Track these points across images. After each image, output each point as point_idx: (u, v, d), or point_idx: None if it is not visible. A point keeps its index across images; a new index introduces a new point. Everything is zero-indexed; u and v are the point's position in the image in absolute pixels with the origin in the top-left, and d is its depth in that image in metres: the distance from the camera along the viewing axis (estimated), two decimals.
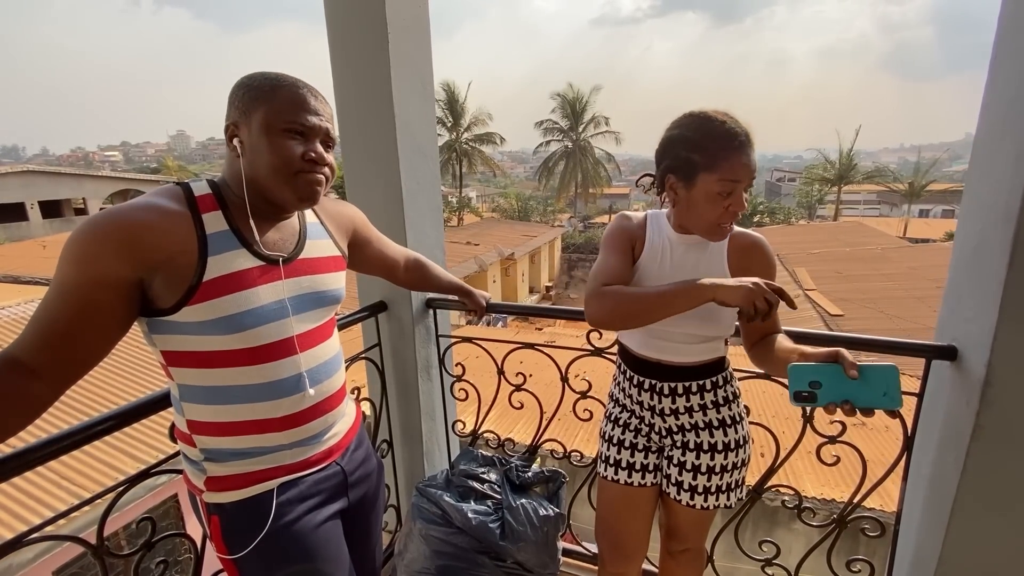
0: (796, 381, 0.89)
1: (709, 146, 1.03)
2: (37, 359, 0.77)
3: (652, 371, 1.22)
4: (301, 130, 0.88)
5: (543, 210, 34.38)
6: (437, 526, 1.58)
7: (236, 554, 0.93)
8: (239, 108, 0.88)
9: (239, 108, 0.88)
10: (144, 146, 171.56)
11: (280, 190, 0.89)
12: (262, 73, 0.90)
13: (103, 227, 0.77)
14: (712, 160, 1.02)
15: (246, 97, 0.87)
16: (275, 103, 0.87)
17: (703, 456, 1.22)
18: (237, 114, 0.88)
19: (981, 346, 1.11)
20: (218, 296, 0.85)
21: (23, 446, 0.88)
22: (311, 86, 0.92)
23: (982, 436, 1.14)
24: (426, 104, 1.66)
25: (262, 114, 0.86)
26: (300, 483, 0.99)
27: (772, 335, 1.15)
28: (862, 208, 42.56)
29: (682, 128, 1.08)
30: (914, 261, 13.44)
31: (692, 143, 1.05)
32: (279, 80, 0.88)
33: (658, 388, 1.22)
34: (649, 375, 1.22)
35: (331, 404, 1.03)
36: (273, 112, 0.86)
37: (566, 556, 1.74)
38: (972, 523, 1.20)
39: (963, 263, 1.20)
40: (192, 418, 0.92)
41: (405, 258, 1.42)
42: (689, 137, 1.06)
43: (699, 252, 1.17)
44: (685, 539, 1.34)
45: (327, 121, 0.92)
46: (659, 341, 1.19)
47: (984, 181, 1.14)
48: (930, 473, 1.28)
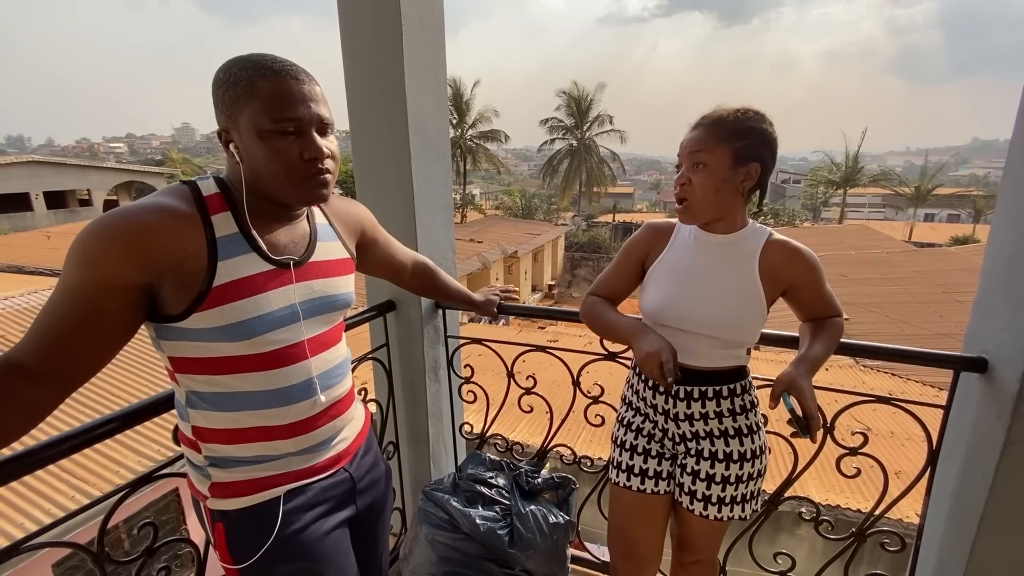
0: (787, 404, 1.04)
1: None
2: (39, 364, 0.74)
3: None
4: (292, 127, 0.81)
5: (547, 208, 34.30)
6: (444, 531, 1.55)
7: (241, 564, 0.90)
8: (224, 112, 0.82)
9: (224, 112, 0.82)
10: (149, 138, 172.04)
11: (287, 195, 0.86)
12: (235, 63, 0.81)
13: (110, 229, 0.74)
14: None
15: (227, 98, 0.80)
16: (258, 101, 0.79)
17: (718, 465, 1.18)
18: (224, 119, 0.82)
19: (1015, 358, 1.07)
20: (228, 302, 0.81)
21: (23, 449, 0.85)
22: (291, 65, 0.82)
23: (1013, 452, 1.10)
24: (439, 101, 1.62)
25: (248, 117, 0.79)
26: (307, 490, 0.95)
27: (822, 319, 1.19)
28: (867, 211, 42.39)
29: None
30: (919, 266, 13.35)
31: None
32: (255, 70, 0.79)
33: (674, 391, 1.19)
34: None
35: (340, 409, 1.00)
36: (258, 113, 0.79)
37: (574, 564, 1.70)
38: (999, 541, 1.16)
39: (997, 272, 1.15)
40: (198, 424, 0.89)
41: (413, 262, 1.38)
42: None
43: (729, 253, 1.15)
44: (698, 550, 1.30)
45: (318, 104, 0.84)
46: (680, 344, 1.14)
47: (1020, 188, 1.10)
48: (955, 488, 1.24)
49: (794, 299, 1.16)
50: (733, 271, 1.13)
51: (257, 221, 0.87)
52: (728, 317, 1.12)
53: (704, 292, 1.14)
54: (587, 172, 30.00)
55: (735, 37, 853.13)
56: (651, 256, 1.23)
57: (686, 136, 1.10)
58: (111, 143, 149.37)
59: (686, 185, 1.10)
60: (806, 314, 1.20)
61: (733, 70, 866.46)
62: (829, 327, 1.16)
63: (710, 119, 1.09)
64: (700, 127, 1.09)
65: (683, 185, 1.11)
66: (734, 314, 1.12)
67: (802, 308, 1.19)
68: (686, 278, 1.16)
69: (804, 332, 1.18)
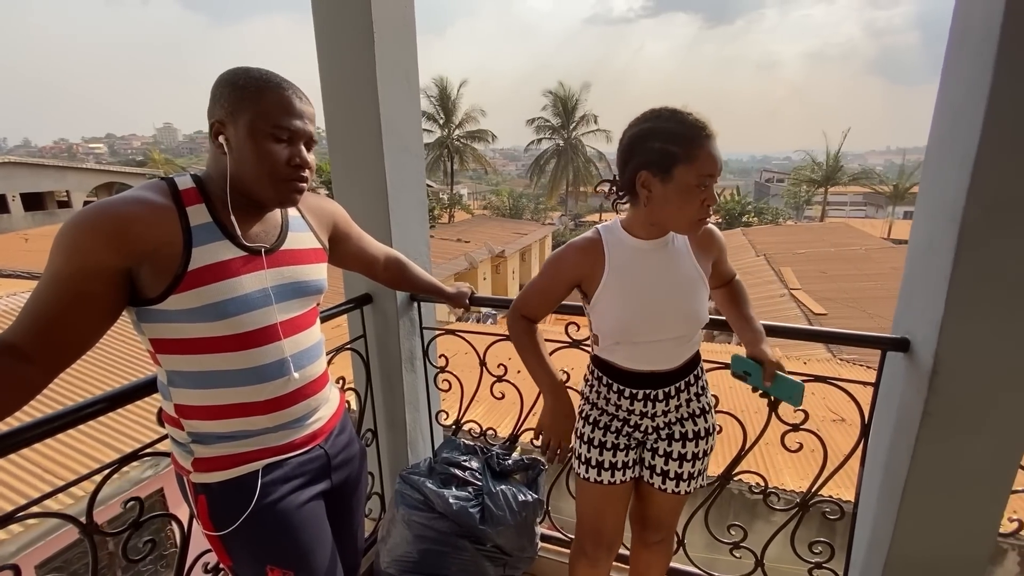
0: (734, 365, 1.22)
1: (686, 134, 1.02)
2: (31, 344, 0.80)
3: (646, 382, 1.21)
4: (287, 135, 0.92)
5: (534, 208, 34.43)
6: (419, 511, 1.63)
7: (222, 531, 0.98)
8: (225, 107, 0.90)
9: (225, 107, 0.90)
10: (130, 138, 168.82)
11: (264, 192, 0.94)
12: (246, 71, 0.92)
13: (93, 219, 0.81)
14: (689, 151, 1.01)
15: (232, 97, 0.90)
16: (262, 106, 0.89)
17: (688, 444, 1.26)
18: (223, 112, 0.91)
19: (930, 338, 1.19)
20: (203, 284, 0.89)
21: (14, 426, 0.92)
22: (295, 86, 0.95)
23: (930, 422, 1.22)
24: (411, 102, 1.70)
25: (249, 117, 0.89)
26: (284, 465, 1.03)
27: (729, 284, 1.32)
28: (848, 209, 43.18)
29: (653, 121, 1.05)
30: (896, 262, 13.71)
31: (667, 134, 1.03)
32: (266, 81, 0.91)
33: (652, 395, 1.22)
34: (644, 386, 1.21)
35: (314, 389, 1.07)
36: (260, 116, 0.89)
37: (544, 542, 1.79)
38: (922, 504, 1.28)
39: (915, 262, 1.27)
40: (180, 402, 0.96)
41: (385, 256, 1.45)
42: (665, 129, 1.03)
43: (668, 253, 1.17)
44: (663, 527, 1.38)
45: (310, 123, 0.96)
46: (653, 354, 1.20)
47: (934, 186, 1.22)
48: (885, 458, 1.36)
49: (714, 270, 1.25)
50: (679, 268, 1.17)
51: (236, 212, 0.94)
52: (693, 312, 1.17)
53: (668, 299, 1.16)
54: (574, 172, 30.20)
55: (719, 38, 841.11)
56: (587, 279, 1.18)
57: (715, 148, 1.04)
58: (90, 143, 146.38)
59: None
60: (719, 280, 1.30)
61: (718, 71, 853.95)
62: (741, 294, 1.30)
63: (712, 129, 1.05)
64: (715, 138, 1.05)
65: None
66: (696, 307, 1.17)
67: (717, 276, 1.28)
68: (643, 293, 1.15)
69: (727, 309, 1.30)
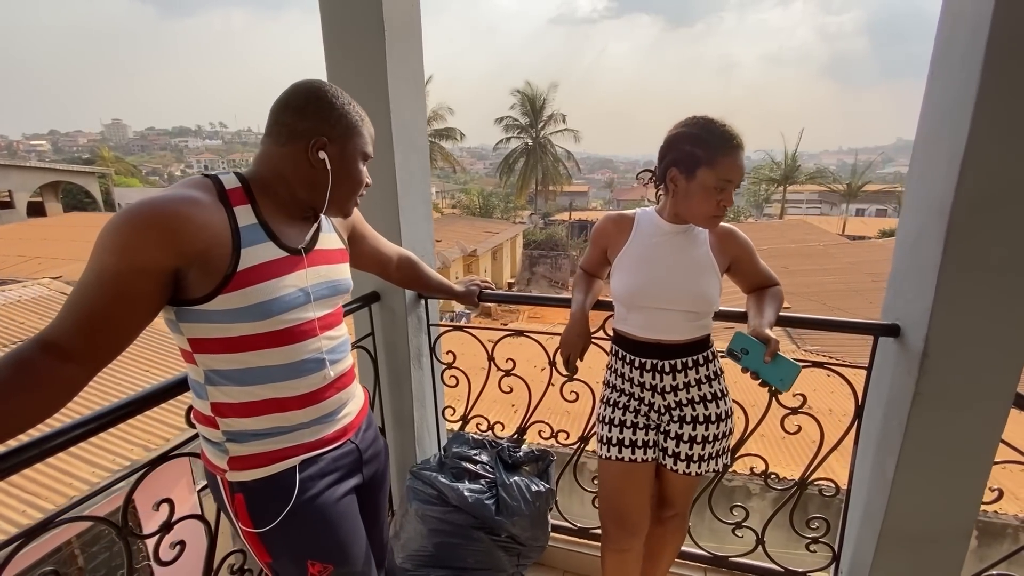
0: (733, 342, 1.19)
1: (711, 142, 1.17)
2: (72, 342, 0.79)
3: (653, 352, 1.34)
4: (367, 161, 1.05)
5: (504, 207, 34.50)
6: (433, 506, 1.65)
7: (262, 528, 0.98)
8: (335, 128, 0.96)
9: (335, 128, 0.96)
10: (75, 135, 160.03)
11: (342, 205, 1.04)
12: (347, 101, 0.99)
13: (147, 217, 0.80)
14: (712, 157, 1.17)
15: (343, 121, 0.97)
16: (364, 135, 1.02)
17: (699, 427, 1.35)
18: (329, 130, 0.95)
19: (920, 323, 1.29)
20: (250, 285, 0.89)
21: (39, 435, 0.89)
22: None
23: (921, 401, 1.32)
24: (418, 99, 1.71)
25: (357, 143, 1.00)
26: (320, 460, 1.04)
27: (764, 288, 1.38)
28: (805, 207, 45.01)
29: (688, 127, 1.21)
30: (853, 257, 14.40)
31: (696, 139, 1.19)
32: (362, 115, 1.03)
33: (659, 367, 1.34)
34: (651, 356, 1.34)
35: (344, 383, 1.09)
36: (364, 143, 1.02)
37: (554, 531, 1.84)
38: (913, 479, 1.38)
39: (905, 252, 1.37)
40: (217, 400, 0.95)
41: (398, 256, 1.48)
42: (695, 134, 1.20)
43: (685, 238, 1.32)
44: (676, 504, 1.46)
45: None
46: (660, 323, 1.32)
47: (923, 181, 1.31)
48: (878, 437, 1.46)
49: (737, 272, 1.37)
50: (693, 252, 1.31)
51: (277, 214, 0.97)
52: (699, 292, 1.29)
53: (674, 273, 1.30)
54: (543, 170, 30.41)
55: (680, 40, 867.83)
56: (613, 246, 1.38)
57: (740, 158, 1.18)
58: (32, 140, 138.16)
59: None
60: (748, 284, 1.40)
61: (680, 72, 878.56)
62: (771, 293, 1.36)
63: (742, 141, 1.19)
64: (743, 149, 1.19)
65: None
66: (703, 288, 1.30)
67: (744, 279, 1.39)
68: (655, 264, 1.31)
69: (750, 301, 1.37)
